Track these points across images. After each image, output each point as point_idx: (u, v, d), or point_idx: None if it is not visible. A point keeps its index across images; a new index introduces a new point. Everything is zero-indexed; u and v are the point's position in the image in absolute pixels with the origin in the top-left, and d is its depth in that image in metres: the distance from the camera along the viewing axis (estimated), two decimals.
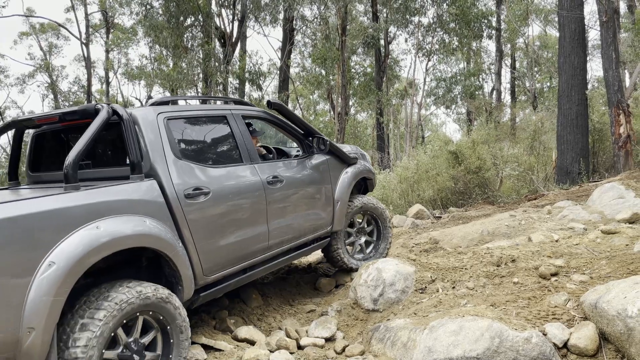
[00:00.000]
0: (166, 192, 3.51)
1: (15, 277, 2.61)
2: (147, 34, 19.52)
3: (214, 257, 3.81)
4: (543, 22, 30.10)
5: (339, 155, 5.45)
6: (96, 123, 3.36)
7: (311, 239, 5.05)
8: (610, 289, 3.47)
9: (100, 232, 2.95)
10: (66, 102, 36.04)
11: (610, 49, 11.45)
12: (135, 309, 3.03)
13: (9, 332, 2.57)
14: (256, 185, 4.26)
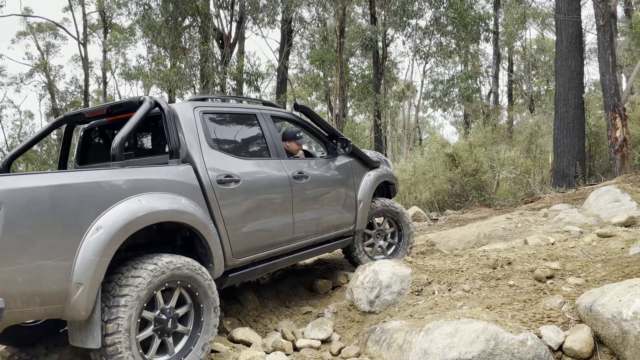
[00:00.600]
0: (200, 176, 3.83)
1: (68, 237, 2.95)
2: (145, 34, 19.50)
3: (242, 240, 4.06)
4: (540, 26, 30.22)
5: (361, 158, 5.64)
6: (140, 112, 3.76)
7: (334, 236, 5.23)
8: (605, 292, 3.48)
9: (142, 204, 3.28)
10: (63, 102, 36.00)
11: (607, 52, 11.50)
12: (169, 277, 3.32)
13: (60, 285, 2.89)
14: (282, 178, 4.52)
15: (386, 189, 6.26)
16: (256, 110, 4.76)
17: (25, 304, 2.81)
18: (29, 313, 2.89)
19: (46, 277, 2.85)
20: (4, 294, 2.69)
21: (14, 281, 2.74)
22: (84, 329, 3.05)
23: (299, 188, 4.68)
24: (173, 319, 3.41)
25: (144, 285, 3.18)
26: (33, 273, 2.80)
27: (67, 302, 2.94)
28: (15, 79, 35.49)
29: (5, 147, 33.17)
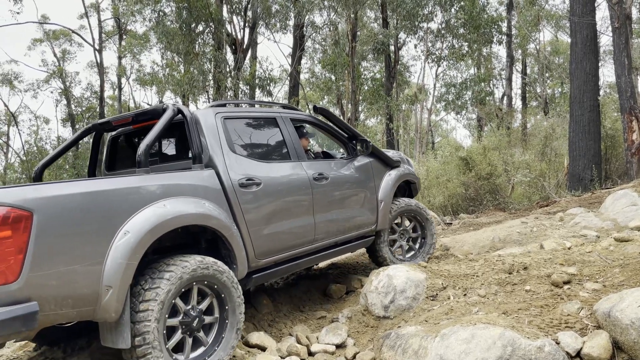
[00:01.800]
0: (222, 180, 3.94)
1: (97, 241, 3.09)
2: (159, 40, 19.71)
3: (265, 242, 4.17)
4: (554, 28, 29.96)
5: (382, 158, 5.70)
6: (164, 119, 3.91)
7: (355, 236, 5.28)
8: (623, 298, 3.44)
9: (167, 209, 3.41)
10: (79, 107, 36.45)
11: (623, 55, 11.38)
12: (196, 277, 3.46)
13: (91, 288, 3.03)
14: (303, 180, 4.61)
15: (408, 189, 6.30)
16: (276, 113, 4.86)
17: (58, 306, 2.93)
18: (62, 315, 3.00)
19: (78, 280, 2.99)
20: (38, 297, 2.80)
21: (47, 285, 2.85)
22: (115, 330, 3.18)
23: (320, 189, 4.76)
24: (199, 320, 3.53)
25: (172, 286, 3.30)
26: (65, 277, 2.93)
27: (97, 305, 3.07)
28: (32, 86, 36.01)
29: (22, 152, 33.63)
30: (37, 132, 36.98)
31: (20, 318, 2.71)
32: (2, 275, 2.72)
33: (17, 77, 35.33)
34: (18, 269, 2.75)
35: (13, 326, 2.69)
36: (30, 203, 2.83)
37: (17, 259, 2.75)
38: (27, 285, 2.78)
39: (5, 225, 2.73)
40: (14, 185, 3.20)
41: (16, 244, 2.76)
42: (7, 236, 2.73)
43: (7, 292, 2.72)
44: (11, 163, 33.90)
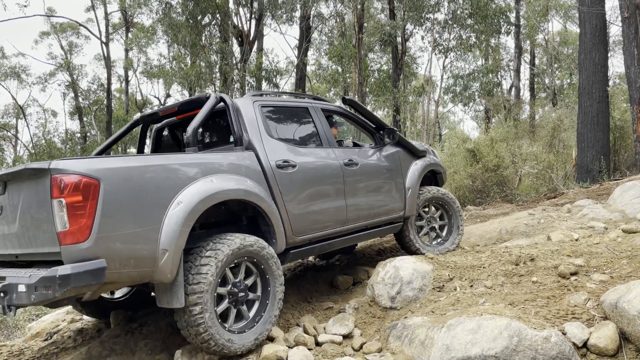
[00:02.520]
0: (261, 161, 4.28)
1: (155, 209, 3.43)
2: (166, 32, 19.70)
3: (300, 220, 4.48)
4: (563, 18, 29.65)
5: (408, 148, 5.93)
6: (208, 105, 4.29)
7: (385, 221, 5.49)
8: (631, 289, 3.44)
9: (215, 184, 3.77)
10: (86, 100, 36.59)
11: (632, 45, 11.26)
12: (241, 251, 3.78)
13: (150, 251, 3.35)
14: (334, 165, 4.92)
15: (434, 179, 6.47)
16: (308, 103, 5.18)
17: (122, 266, 3.25)
18: (125, 274, 3.31)
19: (138, 243, 3.31)
20: (105, 256, 3.15)
21: (113, 246, 3.20)
22: (170, 291, 3.50)
23: (350, 174, 5.03)
24: (244, 290, 3.87)
25: (221, 257, 3.63)
26: (128, 239, 3.26)
27: (155, 266, 3.38)
28: (40, 79, 36.18)
29: (31, 145, 33.86)
30: (45, 125, 37.23)
31: (92, 272, 3.06)
32: (75, 235, 3.07)
33: (25, 70, 35.48)
34: (88, 230, 3.10)
35: (85, 279, 3.04)
36: (98, 173, 3.19)
37: (87, 222, 3.10)
38: (96, 244, 3.12)
39: (77, 191, 3.09)
40: (83, 157, 3.55)
41: (86, 208, 3.11)
42: (78, 201, 3.09)
43: (78, 250, 3.08)
44: (20, 156, 34.12)
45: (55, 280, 2.96)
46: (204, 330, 3.50)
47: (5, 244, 3.60)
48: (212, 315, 3.55)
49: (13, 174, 3.38)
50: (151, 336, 4.43)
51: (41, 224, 3.22)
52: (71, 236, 3.07)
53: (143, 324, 4.71)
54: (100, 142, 32.80)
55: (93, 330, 4.84)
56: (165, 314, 4.93)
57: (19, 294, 3.13)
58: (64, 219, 3.07)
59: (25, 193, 3.33)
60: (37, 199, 3.22)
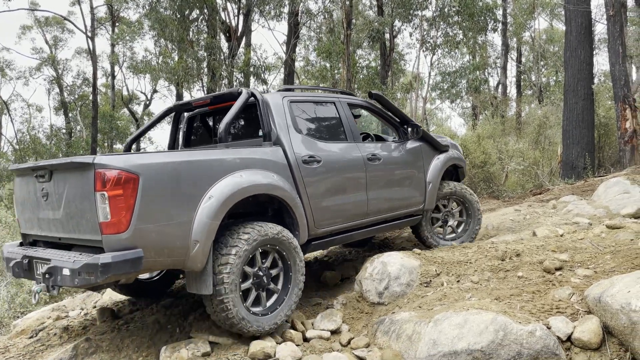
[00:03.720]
0: (288, 156, 4.46)
1: (188, 203, 3.64)
2: (153, 27, 19.50)
3: (323, 213, 4.67)
4: (549, 16, 29.89)
5: (431, 142, 6.05)
6: (240, 101, 4.46)
7: (404, 214, 5.67)
8: (614, 283, 3.49)
9: (243, 179, 3.96)
10: (72, 95, 36.13)
11: (617, 43, 11.38)
12: (267, 240, 3.99)
13: (183, 242, 3.58)
14: (358, 160, 5.07)
15: (455, 173, 6.58)
16: (335, 98, 5.32)
17: (157, 255, 3.49)
18: (159, 263, 3.59)
19: (172, 234, 3.54)
20: (143, 246, 3.39)
21: (149, 236, 3.43)
22: (199, 279, 3.73)
23: (373, 168, 5.19)
24: (267, 276, 4.09)
25: (247, 246, 3.85)
26: (163, 231, 3.49)
27: (187, 256, 3.61)
28: (24, 73, 35.64)
29: (15, 140, 33.38)
30: (30, 121, 36.70)
31: (130, 261, 3.30)
32: (115, 226, 3.31)
33: (9, 65, 34.94)
34: (127, 222, 3.32)
35: (124, 267, 3.28)
36: (137, 168, 3.41)
37: (126, 213, 3.32)
38: (134, 235, 3.35)
39: (118, 185, 3.31)
40: (123, 153, 3.74)
41: (126, 201, 3.33)
42: (119, 194, 3.31)
43: (118, 240, 3.32)
44: (4, 152, 33.62)
45: (97, 267, 3.21)
46: (230, 315, 3.75)
47: (49, 227, 3.87)
48: (237, 300, 3.78)
49: (59, 164, 3.66)
50: (137, 333, 4.40)
51: (84, 213, 3.46)
52: (112, 227, 3.31)
53: (129, 321, 4.69)
54: (86, 138, 32.44)
55: (79, 328, 4.80)
56: (152, 310, 4.91)
57: (64, 277, 3.40)
58: (106, 211, 3.30)
59: (70, 183, 3.57)
60: (81, 190, 3.46)
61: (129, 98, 35.13)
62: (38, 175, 3.85)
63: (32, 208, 4.03)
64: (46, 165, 3.75)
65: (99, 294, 6.01)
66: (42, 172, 3.80)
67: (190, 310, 4.79)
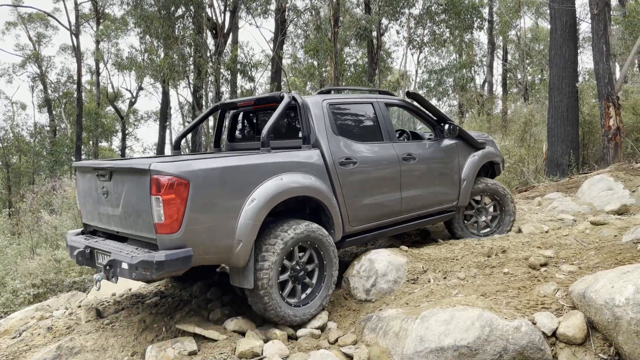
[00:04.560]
0: (326, 159, 4.67)
1: (233, 205, 3.92)
2: (138, 24, 19.28)
3: (357, 212, 4.87)
4: (535, 15, 30.13)
5: (467, 140, 6.14)
6: (282, 106, 4.67)
7: (437, 211, 5.82)
8: (598, 279, 3.53)
9: (283, 182, 4.20)
10: (56, 93, 35.65)
11: (601, 41, 11.50)
12: (303, 238, 4.25)
13: (228, 241, 3.87)
14: (393, 160, 5.23)
15: (491, 168, 6.65)
16: (372, 99, 5.46)
17: (205, 253, 3.79)
18: (207, 259, 3.89)
19: (218, 234, 3.83)
20: (192, 245, 3.69)
21: (198, 236, 3.72)
22: (242, 274, 4.01)
23: (407, 168, 5.34)
24: (304, 271, 4.36)
25: (284, 244, 4.10)
26: (210, 231, 3.78)
27: (231, 253, 3.90)
28: (7, 70, 35.06)
29: None
30: (13, 118, 36.12)
31: (181, 259, 3.61)
32: (169, 227, 3.61)
33: None
34: (179, 223, 3.62)
35: (176, 265, 3.60)
36: (188, 174, 3.68)
37: (178, 216, 3.62)
38: (185, 235, 3.65)
39: (171, 190, 3.60)
40: (174, 159, 4.01)
41: (178, 204, 3.62)
42: (172, 198, 3.60)
43: (171, 239, 3.63)
44: None
45: (152, 264, 3.54)
46: (269, 307, 4.04)
47: (109, 222, 4.25)
48: (275, 293, 4.06)
49: (118, 168, 4.01)
50: (123, 332, 4.36)
51: (140, 213, 3.78)
52: (165, 227, 3.62)
53: (114, 320, 4.64)
54: (70, 135, 32.04)
55: (63, 328, 4.74)
56: (137, 309, 4.86)
57: (122, 270, 3.74)
58: (160, 213, 3.60)
59: (128, 185, 3.90)
60: (138, 193, 3.78)
61: (114, 95, 34.76)
62: (99, 174, 4.19)
63: (93, 202, 4.41)
64: (107, 166, 4.11)
65: (84, 293, 5.94)
66: (103, 172, 4.14)
67: (176, 309, 4.75)
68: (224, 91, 20.06)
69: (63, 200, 10.06)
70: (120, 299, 5.23)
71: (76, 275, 7.95)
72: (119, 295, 5.40)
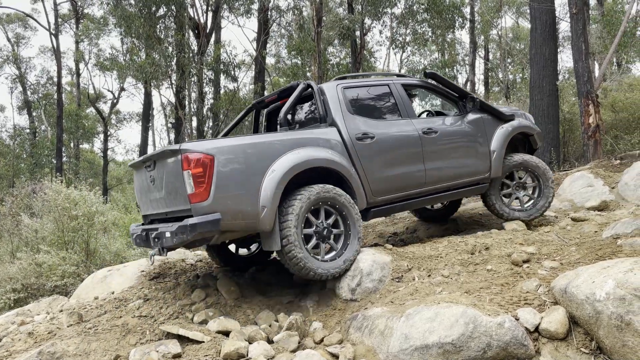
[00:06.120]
0: (343, 135, 5.14)
1: (255, 176, 4.48)
2: (119, 24, 19.04)
3: (379, 183, 5.25)
4: (515, 14, 30.49)
5: (493, 113, 6.28)
6: (297, 91, 5.34)
7: (467, 183, 5.99)
8: (579, 274, 3.57)
9: (300, 155, 4.72)
10: (35, 94, 35.07)
11: (580, 40, 11.66)
12: (320, 198, 4.71)
13: (253, 207, 4.41)
14: (412, 134, 5.55)
15: (527, 141, 6.76)
16: (388, 81, 5.85)
17: (233, 218, 4.34)
18: (236, 225, 4.40)
19: (244, 201, 4.38)
20: (220, 211, 4.26)
21: (225, 203, 4.30)
22: (270, 238, 4.54)
23: (429, 141, 5.61)
24: (328, 229, 4.81)
25: (302, 204, 4.56)
26: (236, 199, 4.35)
27: (257, 219, 4.41)
28: None
29: None
30: None
31: (210, 222, 4.19)
32: (200, 196, 4.22)
33: None
34: (208, 193, 4.24)
35: (207, 227, 4.17)
36: (212, 150, 4.31)
37: (207, 186, 4.23)
38: (213, 203, 4.24)
39: (199, 164, 4.22)
40: (202, 140, 4.78)
41: (206, 176, 4.23)
42: (200, 172, 4.22)
43: (202, 207, 4.23)
44: None
45: (187, 228, 4.13)
46: (300, 264, 4.49)
47: (158, 206, 4.86)
48: (302, 251, 4.50)
49: (158, 154, 4.64)
50: (105, 336, 4.30)
51: (177, 189, 4.39)
52: (196, 197, 4.22)
53: (97, 324, 4.58)
54: (51, 137, 31.53)
55: (44, 332, 4.66)
56: (120, 312, 4.80)
57: (166, 238, 4.34)
58: (191, 185, 4.21)
59: (166, 167, 4.53)
60: (174, 171, 4.39)
61: (95, 96, 34.29)
62: (146, 166, 4.86)
63: (145, 193, 5.06)
64: (151, 156, 4.77)
65: (65, 297, 5.84)
66: (149, 162, 4.81)
67: (159, 312, 4.70)
68: (207, 91, 19.94)
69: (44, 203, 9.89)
70: (103, 302, 5.16)
71: (57, 279, 7.82)
72: (101, 299, 5.33)
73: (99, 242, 9.12)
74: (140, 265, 5.98)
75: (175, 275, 5.64)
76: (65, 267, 7.95)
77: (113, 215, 10.42)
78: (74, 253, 8.42)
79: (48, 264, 8.02)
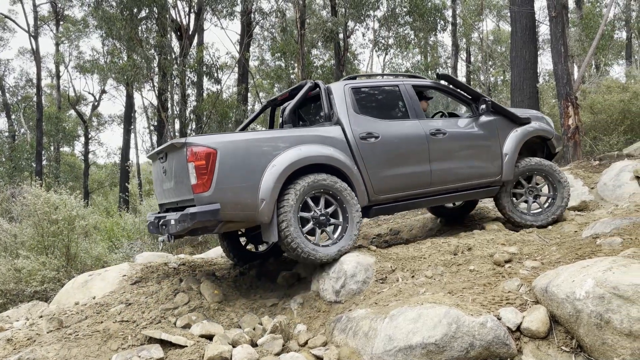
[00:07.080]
0: (347, 134, 5.22)
1: (256, 170, 4.65)
2: (99, 26, 18.83)
3: (382, 182, 5.31)
4: (496, 17, 30.88)
5: (507, 116, 6.19)
6: (303, 90, 5.53)
7: (477, 184, 5.94)
8: (559, 274, 3.62)
9: (301, 151, 4.87)
10: (14, 97, 34.47)
11: (559, 43, 11.84)
12: (315, 186, 4.85)
13: (252, 199, 4.61)
14: (419, 134, 5.55)
15: (545, 145, 6.59)
16: (398, 82, 5.87)
17: (233, 209, 4.57)
18: (236, 216, 4.63)
19: (244, 194, 4.59)
20: (221, 202, 4.49)
21: (226, 195, 4.52)
22: (269, 229, 4.71)
23: (436, 142, 5.59)
24: (325, 216, 4.96)
25: (296, 194, 4.73)
26: (237, 191, 4.57)
27: (257, 211, 4.61)
28: None
29: None
30: None
31: (210, 212, 4.44)
32: (202, 187, 4.46)
33: None
34: (209, 184, 4.47)
35: (206, 216, 4.42)
36: (215, 144, 4.55)
37: (209, 178, 4.46)
38: (214, 194, 4.48)
39: (202, 157, 4.46)
40: (206, 134, 5.04)
41: (208, 168, 4.47)
42: (203, 164, 4.46)
43: (204, 197, 4.47)
44: None
45: (188, 216, 4.42)
46: (300, 251, 4.67)
47: (169, 195, 5.15)
48: (300, 239, 4.68)
49: (168, 147, 4.91)
50: (86, 342, 4.23)
51: (183, 179, 4.64)
52: (199, 187, 4.46)
53: (78, 329, 4.50)
54: (30, 140, 31.00)
55: (24, 339, 4.57)
56: (101, 317, 4.73)
57: (171, 225, 4.61)
58: (195, 176, 4.45)
59: (175, 159, 4.82)
60: (181, 163, 4.65)
61: (75, 99, 33.81)
62: (160, 157, 5.17)
63: (160, 183, 5.37)
64: (163, 148, 5.05)
65: (45, 303, 5.74)
66: (162, 154, 5.11)
67: (141, 316, 4.65)
68: (189, 93, 19.81)
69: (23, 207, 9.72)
70: (84, 307, 5.08)
71: (37, 284, 7.69)
72: (82, 304, 5.25)
73: (79, 247, 8.99)
74: (122, 269, 5.90)
75: (158, 279, 5.58)
76: (45, 272, 7.82)
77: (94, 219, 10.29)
78: (54, 258, 8.30)
79: (27, 269, 7.89)
